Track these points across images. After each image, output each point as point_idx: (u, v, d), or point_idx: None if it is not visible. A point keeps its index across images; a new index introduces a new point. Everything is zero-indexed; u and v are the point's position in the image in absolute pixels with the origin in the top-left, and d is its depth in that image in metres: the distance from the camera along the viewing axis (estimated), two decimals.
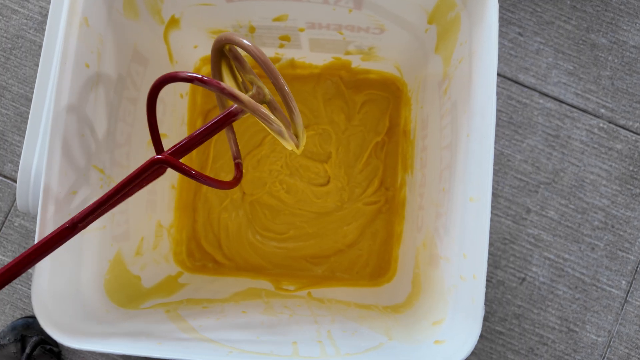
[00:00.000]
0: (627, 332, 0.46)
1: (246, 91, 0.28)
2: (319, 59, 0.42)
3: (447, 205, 0.29)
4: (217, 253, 0.43)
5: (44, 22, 0.50)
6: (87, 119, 0.27)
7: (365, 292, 0.40)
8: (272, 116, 0.24)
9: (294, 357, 0.24)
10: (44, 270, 0.25)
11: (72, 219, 0.24)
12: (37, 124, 0.27)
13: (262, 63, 0.23)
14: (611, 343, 0.46)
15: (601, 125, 0.49)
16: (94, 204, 0.24)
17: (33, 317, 0.46)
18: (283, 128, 0.25)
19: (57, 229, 0.23)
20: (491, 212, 0.24)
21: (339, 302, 0.36)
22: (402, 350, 0.26)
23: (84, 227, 0.24)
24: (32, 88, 0.48)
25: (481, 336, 0.45)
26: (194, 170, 0.23)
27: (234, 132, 0.31)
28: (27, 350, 0.44)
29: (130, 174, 0.24)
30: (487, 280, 0.45)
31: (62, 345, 0.46)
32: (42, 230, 0.24)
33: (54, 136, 0.25)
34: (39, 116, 0.26)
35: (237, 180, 0.28)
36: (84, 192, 0.28)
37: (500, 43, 0.48)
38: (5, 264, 0.48)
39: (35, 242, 0.24)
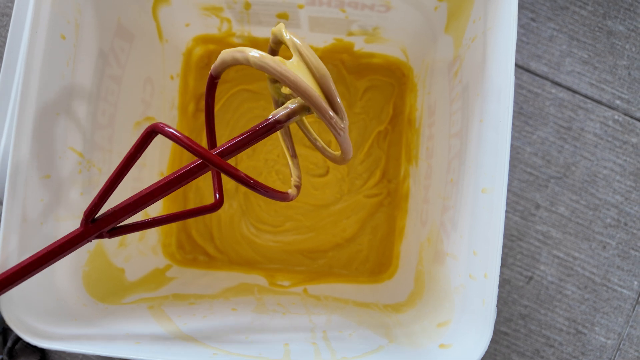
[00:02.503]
0: (638, 335, 0.44)
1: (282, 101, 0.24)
2: (320, 41, 0.39)
3: (456, 197, 0.27)
4: (208, 245, 0.41)
5: None
6: (62, 96, 0.25)
7: (365, 289, 0.38)
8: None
9: None
10: (10, 259, 0.22)
11: (89, 223, 0.21)
12: (5, 102, 0.24)
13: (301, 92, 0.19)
14: (621, 346, 0.44)
15: (616, 117, 0.46)
16: (131, 202, 0.21)
17: None
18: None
19: (71, 234, 0.21)
20: None
21: (336, 300, 0.34)
22: (404, 354, 0.24)
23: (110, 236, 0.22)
24: None
25: None
26: (252, 180, 0.20)
27: (290, 136, 0.26)
28: (9, 344, 0.42)
29: (178, 172, 0.21)
30: None
31: None
32: (8, 216, 0.22)
33: (24, 113, 0.22)
34: (8, 91, 0.24)
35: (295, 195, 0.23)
36: (59, 177, 0.25)
37: None
38: None
39: (2, 229, 0.22)
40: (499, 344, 0.44)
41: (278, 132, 0.25)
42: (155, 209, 0.39)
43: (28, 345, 0.43)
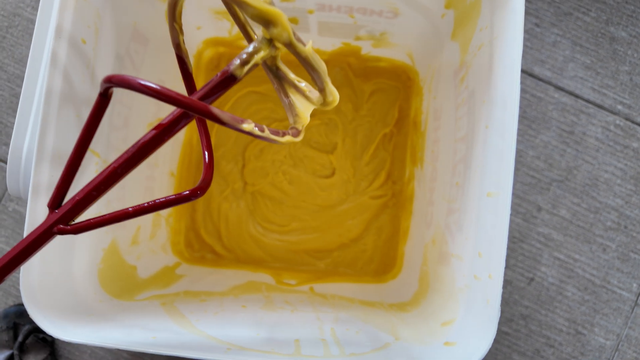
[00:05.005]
0: (637, 336, 0.45)
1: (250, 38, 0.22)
2: (328, 44, 0.40)
3: (461, 200, 0.28)
4: (216, 244, 0.42)
5: None
6: (82, 99, 0.26)
7: (370, 288, 0.39)
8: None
9: (296, 356, 0.23)
10: (33, 258, 0.23)
11: (61, 215, 0.19)
12: (29, 104, 0.25)
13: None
14: (619, 347, 0.45)
15: (617, 122, 0.47)
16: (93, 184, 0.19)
17: None
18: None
19: (39, 228, 0.19)
20: None
21: (342, 299, 0.35)
22: (410, 351, 0.25)
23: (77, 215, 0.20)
24: None
25: None
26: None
27: (279, 78, 0.22)
28: (20, 339, 0.43)
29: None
30: None
31: None
32: (32, 216, 0.23)
33: (47, 116, 0.23)
34: (31, 95, 0.25)
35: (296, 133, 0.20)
36: (78, 176, 0.26)
37: None
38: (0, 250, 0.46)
39: (25, 229, 0.23)
40: (500, 343, 0.44)
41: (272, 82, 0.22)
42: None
43: (38, 340, 0.44)
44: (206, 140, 0.22)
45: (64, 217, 0.20)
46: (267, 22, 0.18)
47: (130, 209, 0.19)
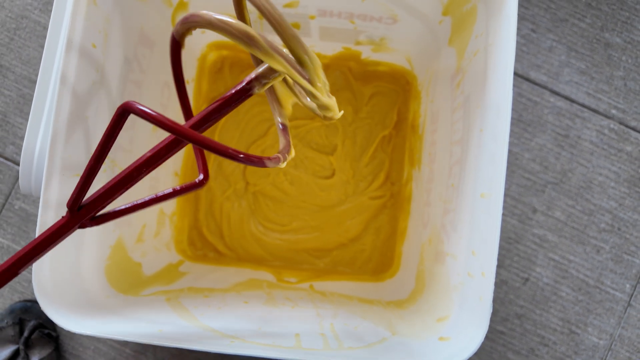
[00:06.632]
0: (629, 336, 0.46)
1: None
2: (329, 49, 0.41)
3: (456, 201, 0.29)
4: (218, 242, 0.43)
5: (49, 3, 0.49)
6: (91, 100, 0.27)
7: (368, 286, 0.40)
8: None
9: (297, 349, 0.24)
10: (45, 255, 0.24)
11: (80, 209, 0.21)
12: (41, 105, 0.26)
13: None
14: (612, 346, 0.46)
15: (612, 126, 0.48)
16: (106, 187, 0.21)
17: (31, 301, 0.46)
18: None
19: (58, 222, 0.21)
20: None
21: (341, 296, 0.36)
22: (406, 345, 0.26)
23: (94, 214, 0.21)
24: (36, 70, 0.47)
25: None
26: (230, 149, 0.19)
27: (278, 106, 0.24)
28: (25, 334, 0.44)
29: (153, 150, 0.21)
30: None
31: (60, 330, 0.46)
32: (44, 213, 0.24)
33: (59, 117, 0.24)
34: (44, 97, 0.26)
35: (284, 155, 0.22)
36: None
37: None
38: (5, 246, 0.47)
39: (38, 226, 0.24)
40: (496, 342, 0.45)
41: (271, 106, 0.25)
42: (169, 207, 0.40)
43: (43, 336, 0.45)
44: (202, 162, 0.25)
45: (82, 214, 0.21)
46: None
47: (146, 198, 0.22)
